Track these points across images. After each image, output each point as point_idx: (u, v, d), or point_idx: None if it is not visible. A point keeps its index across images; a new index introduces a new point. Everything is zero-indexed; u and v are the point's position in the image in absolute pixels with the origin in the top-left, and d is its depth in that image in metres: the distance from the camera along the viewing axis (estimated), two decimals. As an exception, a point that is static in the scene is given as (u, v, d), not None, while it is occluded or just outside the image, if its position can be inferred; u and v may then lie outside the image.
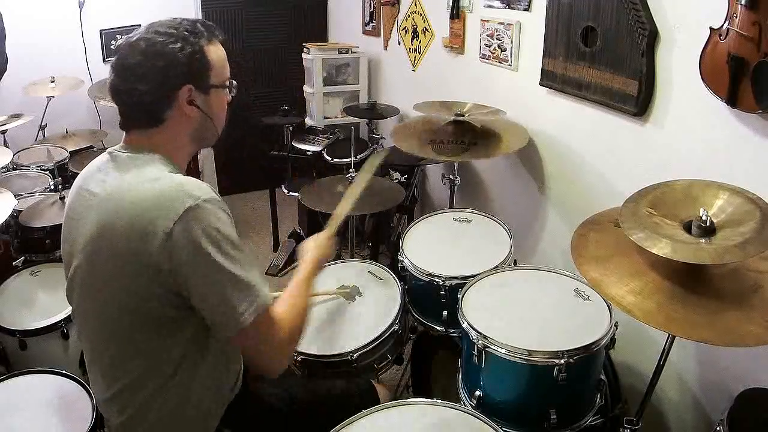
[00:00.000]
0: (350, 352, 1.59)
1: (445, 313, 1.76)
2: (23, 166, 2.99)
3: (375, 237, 3.16)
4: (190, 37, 1.12)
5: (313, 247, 1.44)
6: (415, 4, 3.13)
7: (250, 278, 1.08)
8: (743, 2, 1.33)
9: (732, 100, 1.43)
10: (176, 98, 1.12)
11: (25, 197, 2.61)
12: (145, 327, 1.09)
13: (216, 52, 1.18)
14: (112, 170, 1.13)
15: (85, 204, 1.13)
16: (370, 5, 3.69)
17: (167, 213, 1.02)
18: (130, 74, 1.09)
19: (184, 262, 1.02)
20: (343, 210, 1.60)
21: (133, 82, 1.09)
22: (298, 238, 3.59)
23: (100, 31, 3.77)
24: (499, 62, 2.46)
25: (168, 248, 1.01)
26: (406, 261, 1.86)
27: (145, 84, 1.09)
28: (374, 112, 3.35)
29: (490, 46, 2.50)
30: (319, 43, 3.77)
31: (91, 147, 3.43)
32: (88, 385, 1.45)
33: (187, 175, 1.28)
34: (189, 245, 1.02)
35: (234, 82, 1.24)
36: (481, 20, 2.52)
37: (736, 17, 1.37)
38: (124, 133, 1.18)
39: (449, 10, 2.73)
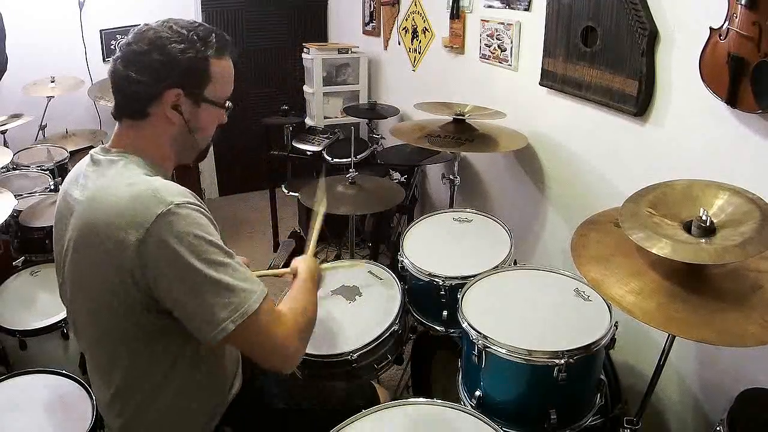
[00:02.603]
0: (350, 352, 1.58)
1: (445, 313, 1.76)
2: (23, 166, 2.98)
3: (375, 237, 3.16)
4: (197, 44, 1.10)
5: (305, 265, 1.39)
6: (415, 4, 3.13)
7: (233, 281, 1.03)
8: (743, 2, 1.33)
9: (732, 100, 1.43)
10: (162, 98, 1.10)
11: (25, 197, 2.61)
12: (133, 332, 1.08)
13: (222, 67, 1.15)
14: (92, 174, 1.11)
15: (69, 209, 1.12)
16: (370, 5, 3.69)
17: (140, 220, 0.99)
18: (130, 60, 1.08)
19: (159, 269, 1.00)
20: (315, 232, 1.58)
21: (130, 69, 1.08)
22: (298, 238, 3.59)
23: (100, 31, 3.77)
24: (499, 62, 2.46)
25: (141, 256, 0.99)
26: (406, 261, 1.86)
27: (139, 73, 1.07)
28: (374, 112, 3.35)
29: (490, 46, 2.51)
30: (319, 43, 3.77)
31: (91, 147, 3.36)
32: (88, 385, 1.45)
33: (187, 175, 1.27)
34: (162, 252, 0.99)
35: (231, 104, 1.20)
36: (481, 20, 2.52)
37: (736, 17, 1.37)
38: (114, 129, 1.17)
39: (449, 10, 2.74)
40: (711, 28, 1.45)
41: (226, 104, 1.20)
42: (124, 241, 1.00)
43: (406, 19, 3.26)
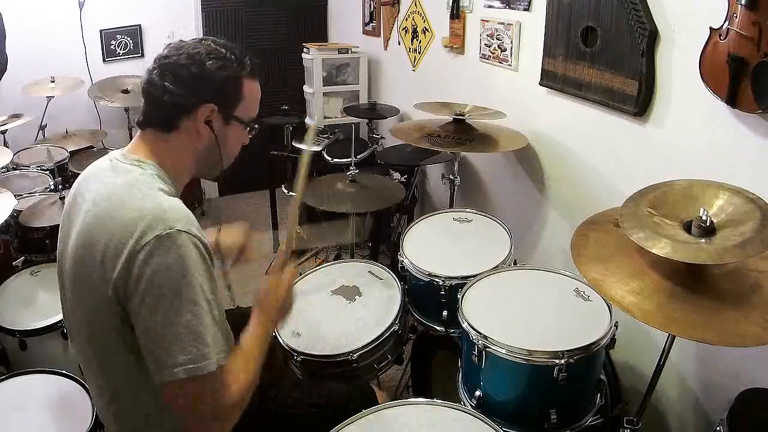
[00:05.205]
0: (350, 352, 1.58)
1: (445, 313, 1.76)
2: (23, 166, 2.99)
3: (375, 237, 3.16)
4: (233, 63, 1.14)
5: (267, 291, 1.26)
6: (415, 4, 3.13)
7: (203, 331, 0.98)
8: (743, 2, 1.33)
9: (732, 100, 1.43)
10: (196, 112, 1.12)
11: (25, 197, 2.61)
12: (125, 342, 1.06)
13: (252, 89, 1.19)
14: (106, 179, 1.11)
15: (77, 210, 1.12)
16: (370, 5, 3.69)
17: (138, 235, 0.99)
18: (168, 72, 1.10)
19: (137, 288, 0.98)
20: (292, 228, 1.44)
21: (167, 79, 1.10)
22: (298, 238, 3.58)
23: (100, 31, 3.77)
24: (499, 62, 2.46)
25: (126, 272, 0.98)
26: (406, 261, 1.86)
27: (176, 85, 1.10)
28: (374, 112, 3.35)
29: (490, 46, 2.50)
30: (319, 43, 3.77)
31: (91, 147, 3.43)
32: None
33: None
34: (146, 273, 0.97)
35: (257, 126, 1.23)
36: (481, 20, 2.52)
37: (736, 17, 1.37)
38: (135, 135, 1.18)
39: (449, 10, 2.73)
40: (711, 28, 1.45)
41: (253, 125, 1.22)
42: (119, 254, 0.99)
43: (406, 19, 3.26)
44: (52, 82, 3.40)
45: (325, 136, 3.50)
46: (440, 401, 1.29)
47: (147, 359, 1.01)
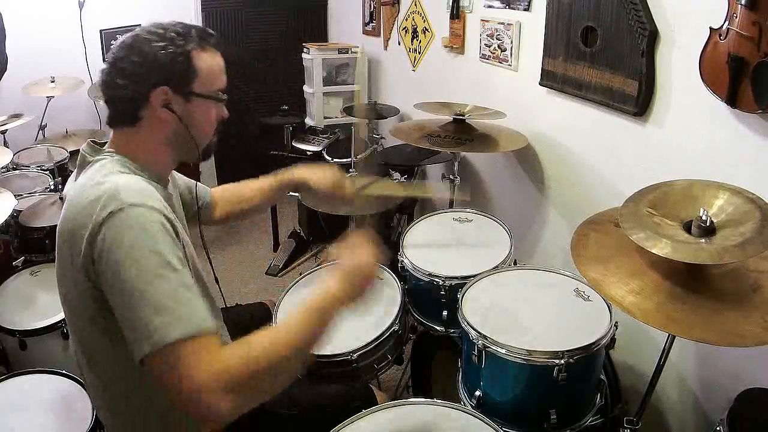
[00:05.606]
0: (350, 352, 1.58)
1: (445, 313, 1.76)
2: (23, 166, 2.99)
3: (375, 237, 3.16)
4: (177, 39, 1.09)
5: (354, 259, 1.17)
6: (415, 4, 3.13)
7: (164, 300, 0.93)
8: (743, 2, 1.33)
9: (732, 100, 1.43)
10: (149, 99, 1.09)
11: (25, 197, 2.61)
12: (103, 333, 1.05)
13: (206, 61, 1.13)
14: (78, 173, 1.13)
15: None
16: (370, 5, 3.69)
17: (93, 218, 0.98)
18: (114, 67, 1.09)
19: (102, 271, 0.97)
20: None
21: (114, 75, 1.09)
22: (298, 238, 3.59)
23: (100, 31, 3.76)
24: (499, 62, 2.46)
25: (89, 256, 0.98)
26: (406, 261, 1.86)
27: (123, 78, 1.08)
28: (374, 112, 3.35)
29: (490, 46, 2.51)
30: (319, 43, 3.77)
31: (91, 147, 3.43)
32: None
33: (187, 175, 1.26)
34: (106, 252, 0.96)
35: (224, 95, 1.17)
36: (481, 20, 2.52)
37: (736, 17, 1.37)
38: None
39: (449, 10, 2.74)
40: (711, 28, 1.45)
41: (220, 96, 1.17)
42: (80, 239, 1.00)
43: (406, 19, 3.26)
44: (52, 82, 3.40)
45: (325, 136, 3.51)
46: (440, 401, 1.29)
47: (126, 340, 0.97)
